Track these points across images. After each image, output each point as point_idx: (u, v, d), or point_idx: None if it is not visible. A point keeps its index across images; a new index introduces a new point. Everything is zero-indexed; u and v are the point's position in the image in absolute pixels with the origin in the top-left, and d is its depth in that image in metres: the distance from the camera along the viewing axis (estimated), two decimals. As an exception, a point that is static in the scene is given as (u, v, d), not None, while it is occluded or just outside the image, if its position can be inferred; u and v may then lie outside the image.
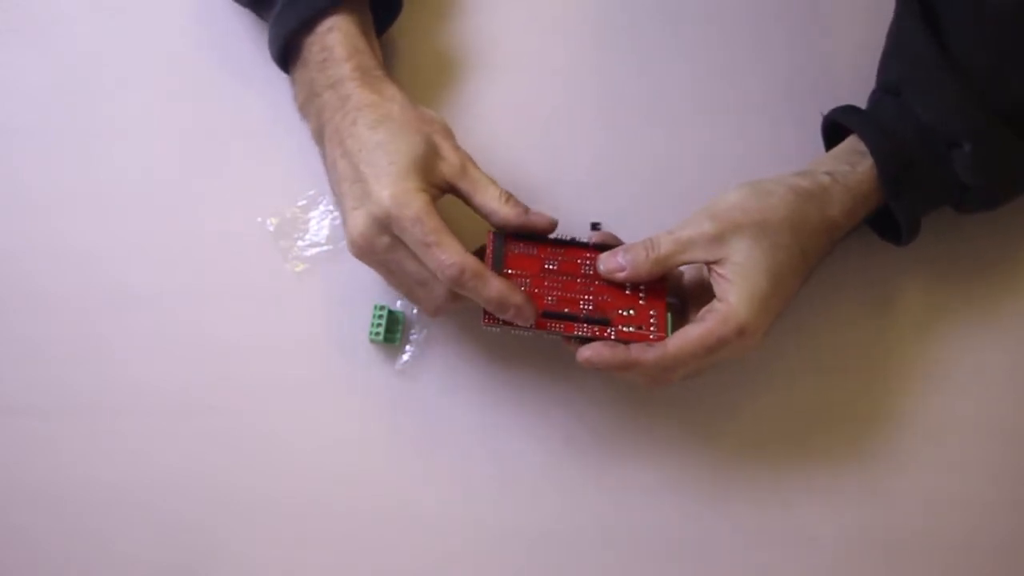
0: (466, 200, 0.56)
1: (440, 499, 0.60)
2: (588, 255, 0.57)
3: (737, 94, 0.67)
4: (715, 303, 0.54)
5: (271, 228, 0.64)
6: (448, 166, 0.56)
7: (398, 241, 0.54)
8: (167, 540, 0.60)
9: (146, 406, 0.61)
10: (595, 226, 0.58)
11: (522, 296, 0.54)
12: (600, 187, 0.65)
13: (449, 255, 0.52)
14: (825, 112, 0.61)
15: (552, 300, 0.55)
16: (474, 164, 0.57)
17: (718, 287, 0.54)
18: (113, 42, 0.66)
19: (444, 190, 0.56)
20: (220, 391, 0.61)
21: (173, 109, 0.65)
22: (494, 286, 0.53)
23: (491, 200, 0.55)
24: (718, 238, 0.54)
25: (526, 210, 0.56)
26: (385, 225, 0.53)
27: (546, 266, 0.56)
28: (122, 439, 0.61)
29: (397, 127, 0.55)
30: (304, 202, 0.64)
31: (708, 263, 0.55)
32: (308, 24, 0.58)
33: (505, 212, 0.55)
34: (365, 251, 0.54)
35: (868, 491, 0.61)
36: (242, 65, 0.66)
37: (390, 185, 0.53)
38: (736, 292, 0.54)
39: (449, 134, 0.57)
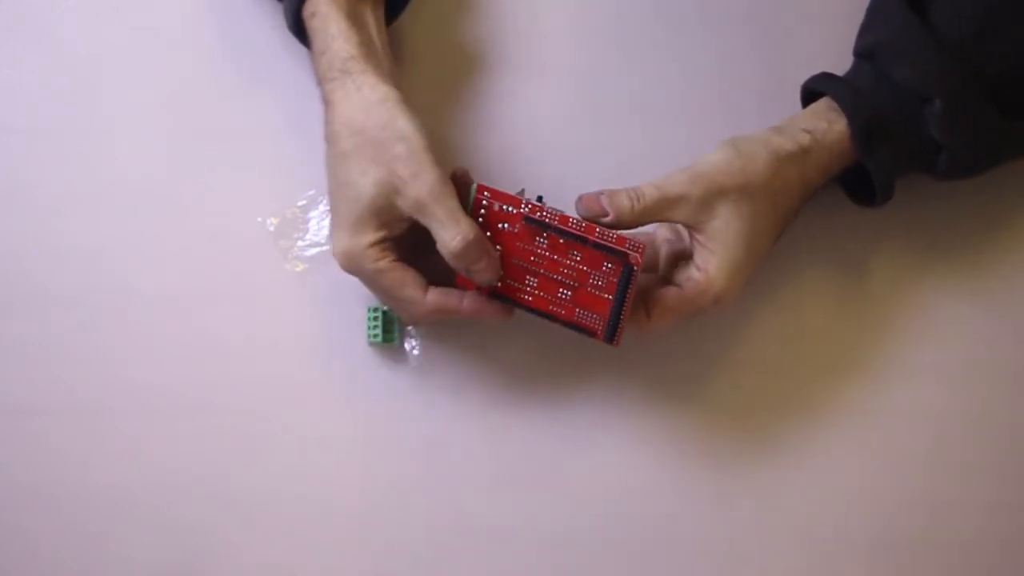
0: None
1: (440, 498, 0.60)
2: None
3: (736, 93, 0.67)
4: (693, 271, 0.55)
5: (271, 228, 0.64)
6: (405, 202, 0.53)
7: None
8: (167, 540, 0.60)
9: (146, 406, 0.61)
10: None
11: (493, 312, 0.55)
12: (597, 186, 0.64)
13: (412, 308, 0.55)
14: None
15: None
16: (438, 197, 0.52)
17: (698, 253, 0.55)
18: (113, 42, 0.66)
19: (410, 221, 0.54)
20: (220, 391, 0.61)
21: (173, 109, 0.65)
22: (465, 311, 0.55)
23: (442, 245, 0.53)
24: (703, 202, 0.55)
25: (477, 288, 0.54)
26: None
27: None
28: (122, 439, 0.61)
29: (356, 165, 0.53)
30: (304, 202, 0.64)
31: (688, 225, 0.55)
32: (299, 7, 0.57)
33: (453, 263, 0.53)
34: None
35: (867, 488, 0.61)
36: (242, 65, 0.66)
37: (342, 241, 0.54)
38: (716, 262, 0.54)
39: (415, 157, 0.53)
